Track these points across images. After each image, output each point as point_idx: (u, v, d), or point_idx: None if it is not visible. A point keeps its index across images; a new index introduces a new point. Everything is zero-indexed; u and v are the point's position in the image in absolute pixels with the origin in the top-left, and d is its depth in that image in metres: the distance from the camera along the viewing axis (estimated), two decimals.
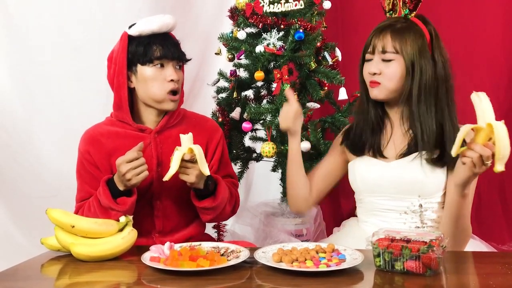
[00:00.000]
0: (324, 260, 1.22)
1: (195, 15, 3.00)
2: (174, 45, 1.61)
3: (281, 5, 2.17)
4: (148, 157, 1.60)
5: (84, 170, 1.62)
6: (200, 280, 1.15)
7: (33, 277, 1.27)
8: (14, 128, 2.70)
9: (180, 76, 1.62)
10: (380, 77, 1.52)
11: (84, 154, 1.62)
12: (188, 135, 1.47)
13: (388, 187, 1.53)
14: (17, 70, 2.70)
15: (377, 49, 1.52)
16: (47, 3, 2.69)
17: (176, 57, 1.60)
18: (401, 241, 1.18)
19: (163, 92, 1.58)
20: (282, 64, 2.12)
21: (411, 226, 1.52)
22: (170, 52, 1.58)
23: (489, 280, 1.13)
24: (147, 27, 1.58)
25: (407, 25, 1.53)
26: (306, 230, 2.38)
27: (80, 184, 1.64)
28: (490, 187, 2.68)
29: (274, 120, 2.10)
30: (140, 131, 1.63)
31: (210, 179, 1.54)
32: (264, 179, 3.00)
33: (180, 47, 1.64)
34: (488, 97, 1.26)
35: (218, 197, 1.57)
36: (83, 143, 1.63)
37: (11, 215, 2.67)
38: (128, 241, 1.36)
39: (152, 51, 1.57)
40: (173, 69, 1.59)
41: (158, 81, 1.58)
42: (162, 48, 1.57)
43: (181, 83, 1.64)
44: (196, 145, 1.45)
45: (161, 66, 1.58)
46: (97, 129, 1.65)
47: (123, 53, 1.59)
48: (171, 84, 1.58)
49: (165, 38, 1.60)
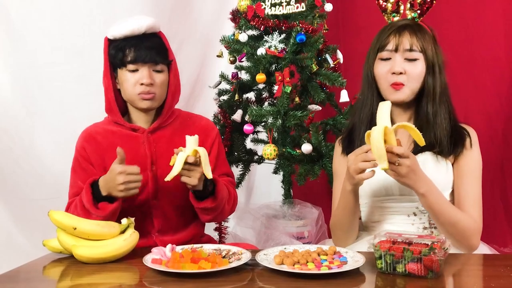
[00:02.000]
0: (325, 262, 1.22)
1: (195, 17, 3.00)
2: (149, 48, 1.58)
3: (282, 7, 2.17)
4: (142, 156, 1.62)
5: (79, 166, 1.64)
6: (202, 282, 1.15)
7: (35, 279, 1.27)
8: (16, 131, 2.70)
9: (158, 78, 1.60)
10: (404, 77, 1.48)
11: (80, 150, 1.65)
12: (194, 137, 1.46)
13: (396, 189, 1.51)
14: (18, 74, 2.71)
15: (401, 47, 1.48)
16: (48, 7, 2.69)
17: (149, 61, 1.58)
18: (402, 243, 1.18)
19: (133, 93, 1.60)
20: (283, 67, 2.13)
21: (419, 227, 1.51)
22: (142, 55, 1.57)
23: (491, 283, 1.13)
24: (119, 31, 1.59)
25: (420, 25, 1.53)
26: (307, 233, 2.38)
27: (73, 180, 1.65)
28: (492, 190, 2.67)
29: (275, 122, 2.10)
30: (133, 130, 1.65)
31: (209, 181, 1.54)
32: (265, 181, 3.00)
33: (160, 49, 1.62)
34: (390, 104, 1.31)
35: (218, 197, 1.56)
36: (80, 140, 1.67)
37: (13, 217, 2.67)
38: (130, 243, 1.36)
39: (124, 55, 1.58)
40: (147, 72, 1.58)
41: (131, 84, 1.59)
42: (134, 51, 1.57)
43: (161, 85, 1.61)
44: (201, 148, 1.45)
45: (135, 71, 1.59)
46: (94, 128, 1.68)
47: (105, 57, 1.62)
48: (141, 87, 1.58)
49: (139, 41, 1.59)
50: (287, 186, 2.51)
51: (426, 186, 1.37)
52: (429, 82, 1.50)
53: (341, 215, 1.51)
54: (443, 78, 1.52)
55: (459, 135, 1.52)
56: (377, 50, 1.52)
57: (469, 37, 2.68)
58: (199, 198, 1.57)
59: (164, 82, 1.63)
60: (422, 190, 1.37)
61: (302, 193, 2.73)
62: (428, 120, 1.51)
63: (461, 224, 1.42)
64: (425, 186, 1.37)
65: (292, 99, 2.18)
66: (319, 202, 2.57)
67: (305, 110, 2.15)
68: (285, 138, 2.19)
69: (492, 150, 2.62)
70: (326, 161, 2.11)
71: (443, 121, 1.50)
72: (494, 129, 2.63)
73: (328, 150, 2.11)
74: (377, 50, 1.52)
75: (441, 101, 1.51)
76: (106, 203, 1.49)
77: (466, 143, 1.50)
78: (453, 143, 1.50)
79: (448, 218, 1.41)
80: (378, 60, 1.53)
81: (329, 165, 2.10)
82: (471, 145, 1.51)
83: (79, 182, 1.61)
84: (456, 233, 1.42)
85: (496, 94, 2.66)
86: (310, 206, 2.46)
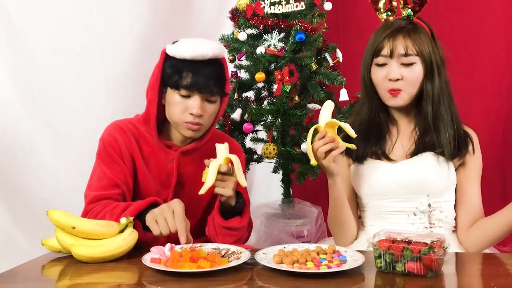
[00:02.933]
0: (325, 261, 1.22)
1: (195, 16, 3.00)
2: (208, 77, 1.47)
3: (282, 6, 2.17)
4: (169, 173, 1.57)
5: (109, 158, 1.52)
6: (201, 281, 1.15)
7: (34, 279, 1.27)
8: (16, 131, 2.70)
9: (209, 109, 1.52)
10: (401, 83, 1.46)
11: (112, 142, 1.53)
12: (224, 144, 1.41)
13: (396, 189, 1.50)
14: (18, 74, 2.70)
15: (396, 52, 1.45)
16: (48, 7, 2.69)
17: (205, 91, 1.48)
18: (402, 242, 1.17)
19: (180, 120, 1.51)
20: (283, 66, 2.13)
21: (419, 227, 1.50)
22: (200, 84, 1.46)
23: (490, 282, 1.13)
24: (180, 53, 1.48)
25: (415, 25, 1.49)
26: (307, 232, 2.38)
27: (102, 172, 1.52)
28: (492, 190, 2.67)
29: (275, 121, 2.10)
30: (166, 147, 1.59)
31: (240, 197, 1.50)
32: (265, 180, 3.00)
33: (219, 79, 1.51)
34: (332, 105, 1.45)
35: (245, 217, 1.51)
36: (111, 131, 1.56)
37: (12, 216, 2.67)
38: (128, 242, 1.36)
39: (180, 78, 1.47)
40: (199, 102, 1.48)
41: (179, 109, 1.50)
42: (191, 77, 1.46)
43: (210, 116, 1.53)
44: (233, 155, 1.40)
45: (187, 97, 1.49)
46: (127, 124, 1.58)
47: (158, 70, 1.52)
48: (190, 117, 1.49)
49: (199, 67, 1.47)
50: (287, 185, 2.51)
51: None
52: (428, 86, 1.48)
53: (332, 211, 1.54)
54: (443, 77, 1.50)
55: (463, 139, 1.51)
56: (372, 55, 1.50)
57: (469, 37, 2.68)
58: (225, 216, 1.50)
59: (214, 113, 1.55)
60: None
61: (302, 192, 2.73)
62: (429, 122, 1.50)
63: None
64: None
65: (291, 98, 2.18)
66: (318, 201, 2.57)
67: (305, 109, 2.15)
68: (284, 137, 2.19)
69: (492, 150, 2.62)
70: None
71: (445, 123, 1.49)
72: (494, 129, 2.63)
73: None
74: (372, 55, 1.50)
75: (442, 103, 1.49)
76: (139, 223, 1.41)
77: (470, 148, 1.51)
78: (457, 146, 1.49)
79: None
80: (374, 65, 1.51)
81: None
82: (473, 150, 1.51)
83: (110, 174, 1.50)
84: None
85: (496, 94, 2.66)
86: (309, 205, 2.46)
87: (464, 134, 1.52)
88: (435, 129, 1.49)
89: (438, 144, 1.48)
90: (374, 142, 1.55)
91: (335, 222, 1.55)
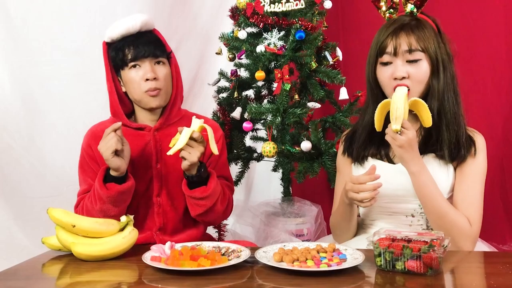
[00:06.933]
0: (325, 259, 1.22)
1: (194, 14, 3.00)
2: (147, 43, 1.60)
3: (282, 4, 2.17)
4: (148, 154, 1.63)
5: (86, 164, 1.65)
6: (201, 279, 1.15)
7: (34, 277, 1.27)
8: (16, 129, 2.70)
9: (161, 72, 1.62)
10: (407, 81, 1.43)
11: (86, 149, 1.66)
12: (200, 120, 1.48)
13: (396, 190, 1.49)
14: (18, 72, 2.70)
15: (401, 50, 1.43)
16: (48, 5, 2.69)
17: (149, 55, 1.60)
18: (402, 240, 1.18)
19: (140, 92, 1.60)
20: (282, 64, 2.12)
21: (416, 228, 1.49)
22: (142, 51, 1.58)
23: (490, 280, 1.13)
24: (115, 32, 1.61)
25: (418, 21, 1.47)
26: (307, 230, 2.38)
27: (82, 178, 1.67)
28: (492, 188, 2.67)
29: (274, 120, 2.10)
30: (139, 129, 1.66)
31: (203, 167, 1.54)
32: (265, 179, 3.00)
33: (158, 43, 1.63)
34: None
35: (210, 187, 1.55)
36: (86, 138, 1.68)
37: (12, 215, 2.67)
38: (129, 240, 1.36)
39: (125, 54, 1.60)
40: (149, 67, 1.60)
41: (136, 82, 1.60)
42: (133, 48, 1.59)
43: (165, 78, 1.63)
44: (208, 126, 1.47)
45: (137, 67, 1.60)
46: (100, 126, 1.68)
47: (105, 61, 1.64)
48: (147, 84, 1.59)
49: (137, 37, 1.61)
50: (286, 184, 2.51)
51: (418, 166, 1.39)
52: (434, 82, 1.45)
53: (339, 219, 1.56)
54: (449, 72, 1.46)
55: (465, 142, 1.47)
56: (377, 54, 1.48)
57: (470, 35, 2.67)
58: (190, 186, 1.56)
59: (167, 75, 1.64)
60: (414, 168, 1.38)
61: (301, 191, 2.74)
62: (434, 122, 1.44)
63: (449, 218, 1.39)
64: (418, 165, 1.39)
65: (291, 96, 2.18)
66: (318, 199, 2.57)
67: (305, 107, 2.15)
68: (284, 136, 2.19)
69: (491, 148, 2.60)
70: (325, 158, 2.11)
71: (447, 122, 1.46)
72: (494, 127, 2.63)
73: (327, 147, 2.11)
74: (377, 54, 1.48)
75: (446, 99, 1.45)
76: (113, 184, 1.50)
77: (471, 151, 1.46)
78: (457, 149, 1.46)
79: (437, 207, 1.39)
80: (379, 64, 1.49)
81: (328, 162, 2.10)
82: (475, 153, 1.47)
83: (89, 180, 1.63)
84: (443, 227, 1.39)
85: (496, 92, 2.65)
86: (309, 204, 2.46)
87: (466, 137, 1.48)
88: (437, 128, 1.46)
89: (439, 145, 1.46)
90: (377, 143, 1.53)
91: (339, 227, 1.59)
